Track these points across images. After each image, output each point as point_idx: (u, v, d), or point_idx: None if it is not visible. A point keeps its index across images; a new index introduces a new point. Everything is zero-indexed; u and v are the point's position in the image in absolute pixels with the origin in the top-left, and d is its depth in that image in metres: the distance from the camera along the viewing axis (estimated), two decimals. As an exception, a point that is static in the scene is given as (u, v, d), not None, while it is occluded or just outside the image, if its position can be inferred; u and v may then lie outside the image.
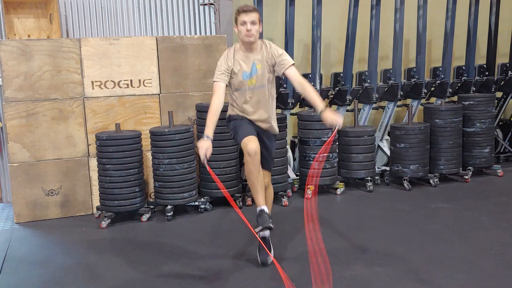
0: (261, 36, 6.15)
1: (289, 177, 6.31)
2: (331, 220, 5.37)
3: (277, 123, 4.41)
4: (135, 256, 4.58)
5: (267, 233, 4.17)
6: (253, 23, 3.88)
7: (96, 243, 4.99)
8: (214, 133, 3.93)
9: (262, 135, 4.20)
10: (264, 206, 4.03)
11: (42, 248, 4.92)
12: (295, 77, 4.01)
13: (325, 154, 5.06)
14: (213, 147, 3.89)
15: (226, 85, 4.10)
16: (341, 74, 6.83)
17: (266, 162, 4.20)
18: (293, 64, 4.03)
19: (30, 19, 6.37)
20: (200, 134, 5.71)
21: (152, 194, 5.84)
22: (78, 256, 4.68)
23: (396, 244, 4.64)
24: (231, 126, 4.22)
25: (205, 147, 3.79)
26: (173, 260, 4.46)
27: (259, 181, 3.96)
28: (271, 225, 4.00)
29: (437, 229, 5.00)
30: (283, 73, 4.04)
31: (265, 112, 4.15)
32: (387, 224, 5.20)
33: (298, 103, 6.67)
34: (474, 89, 7.35)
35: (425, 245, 4.57)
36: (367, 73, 6.82)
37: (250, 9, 3.91)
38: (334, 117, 3.85)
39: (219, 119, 4.05)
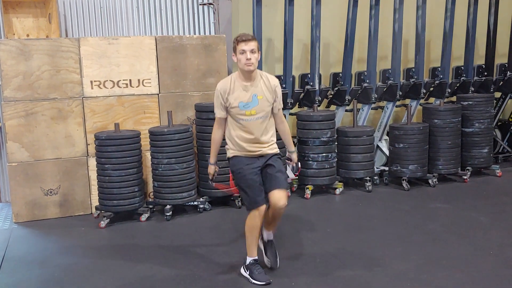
0: (260, 37, 6.22)
1: (288, 177, 6.29)
2: (330, 220, 5.38)
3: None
4: (134, 255, 4.58)
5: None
6: (252, 51, 3.80)
7: (95, 242, 4.99)
8: (211, 128, 4.16)
9: (267, 160, 3.98)
10: (256, 257, 4.04)
11: (41, 247, 4.92)
12: (280, 115, 4.12)
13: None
14: (210, 140, 4.17)
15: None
16: (340, 74, 6.84)
17: (277, 179, 3.92)
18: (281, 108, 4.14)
19: (29, 18, 6.36)
20: (199, 134, 5.77)
21: (151, 193, 5.83)
22: (77, 255, 4.67)
23: (395, 244, 4.64)
24: (236, 178, 4.05)
25: (212, 172, 4.21)
26: (172, 259, 4.46)
27: (257, 235, 4.02)
28: (270, 280, 3.93)
29: (435, 229, 5.00)
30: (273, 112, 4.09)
31: (266, 138, 3.98)
32: (386, 224, 5.20)
33: (297, 103, 6.66)
34: (473, 89, 7.36)
35: (424, 245, 4.58)
36: (366, 73, 6.81)
37: (249, 38, 3.83)
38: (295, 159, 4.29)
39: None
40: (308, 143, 6.14)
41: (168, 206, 5.52)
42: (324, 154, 6.13)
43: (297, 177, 6.34)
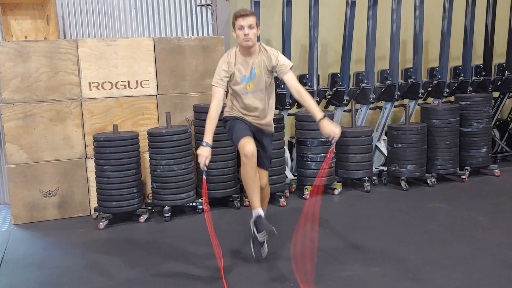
0: (258, 38, 6.21)
1: (287, 177, 6.31)
2: (328, 220, 5.37)
3: (275, 124, 4.44)
4: (133, 257, 4.58)
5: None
6: (250, 27, 3.87)
7: (94, 244, 4.99)
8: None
9: (259, 135, 4.21)
10: (260, 209, 4.00)
11: (40, 249, 4.92)
12: (292, 83, 4.00)
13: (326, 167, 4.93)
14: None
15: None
16: (338, 74, 6.85)
17: (263, 161, 4.22)
18: (291, 68, 4.05)
19: (27, 20, 6.36)
20: (198, 135, 5.76)
21: (150, 195, 5.83)
22: (76, 257, 4.67)
23: (393, 244, 4.64)
24: (228, 127, 4.23)
25: (205, 155, 3.86)
26: (171, 260, 4.46)
27: (255, 183, 3.96)
28: (275, 231, 3.90)
29: (434, 229, 5.00)
30: (283, 77, 4.07)
31: (263, 115, 4.17)
32: (384, 224, 5.20)
33: (296, 103, 6.67)
34: (471, 89, 7.37)
35: (422, 245, 4.58)
36: (364, 73, 6.82)
37: (247, 13, 3.89)
38: (333, 128, 3.83)
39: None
40: (307, 143, 6.15)
41: (167, 207, 5.52)
42: (322, 154, 6.12)
43: (295, 178, 6.36)
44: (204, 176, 3.97)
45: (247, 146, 3.89)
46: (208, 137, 3.92)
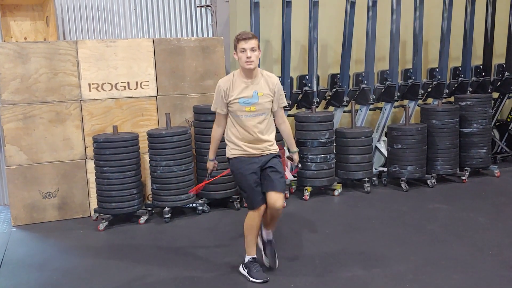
0: (257, 39, 6.21)
1: (287, 178, 6.29)
2: (328, 221, 5.39)
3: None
4: (132, 258, 4.58)
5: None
6: (252, 49, 3.86)
7: (93, 245, 4.99)
8: (210, 130, 4.26)
9: (266, 161, 4.00)
10: (255, 255, 4.09)
11: (39, 251, 4.91)
12: (280, 117, 4.18)
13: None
14: (208, 142, 4.31)
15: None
16: (338, 75, 6.85)
17: (276, 184, 3.95)
18: (285, 106, 4.21)
19: (26, 21, 6.35)
20: (198, 136, 5.77)
21: (150, 196, 5.83)
22: (76, 259, 4.67)
23: (394, 245, 4.64)
24: (237, 179, 4.15)
25: (211, 168, 4.31)
26: (171, 262, 4.46)
27: (256, 233, 4.08)
28: (267, 278, 3.99)
29: (434, 229, 5.00)
30: (274, 110, 4.13)
31: (265, 137, 3.99)
32: (384, 225, 5.20)
33: (295, 104, 6.67)
34: (470, 89, 7.37)
35: (423, 246, 4.58)
36: (364, 74, 6.82)
37: (249, 36, 3.88)
38: (297, 159, 4.30)
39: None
40: (307, 144, 6.14)
41: (166, 208, 5.52)
42: (322, 155, 6.13)
43: (295, 179, 6.36)
44: (207, 179, 4.49)
45: (260, 209, 3.98)
46: (212, 153, 4.25)
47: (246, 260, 4.09)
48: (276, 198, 3.92)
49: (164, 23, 6.91)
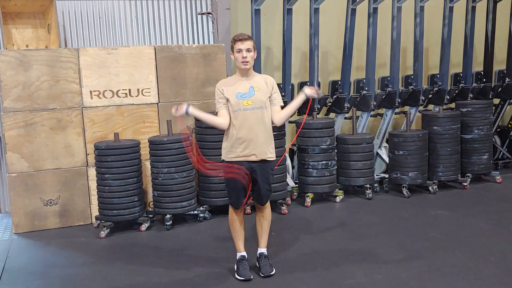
0: (259, 46, 6.23)
1: (288, 185, 6.30)
2: (330, 228, 5.37)
3: (276, 132, 4.43)
4: (134, 265, 4.56)
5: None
6: (248, 50, 4.03)
7: (95, 253, 4.97)
8: (211, 137, 4.55)
9: (258, 171, 4.10)
10: (244, 252, 4.29)
11: (41, 258, 4.90)
12: (277, 114, 4.19)
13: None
14: (209, 149, 4.72)
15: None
16: (339, 82, 6.86)
17: (263, 197, 4.21)
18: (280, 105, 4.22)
19: (28, 29, 6.37)
20: (199, 143, 5.75)
21: (151, 203, 5.82)
22: (77, 266, 4.65)
23: (396, 251, 4.63)
24: (226, 181, 4.23)
25: (178, 114, 4.06)
26: (173, 269, 4.44)
27: (241, 230, 4.29)
28: (251, 277, 4.15)
29: (436, 236, 4.98)
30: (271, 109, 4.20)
31: (261, 136, 4.05)
32: (386, 232, 5.18)
33: (296, 111, 6.65)
34: (471, 96, 7.38)
35: (425, 253, 4.56)
36: (365, 80, 6.83)
37: (245, 37, 4.05)
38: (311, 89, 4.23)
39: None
40: (308, 151, 6.14)
41: (168, 216, 5.51)
42: (324, 162, 6.12)
43: (297, 185, 6.36)
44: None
45: (237, 211, 4.24)
46: (195, 110, 4.10)
47: (237, 257, 4.29)
48: (264, 208, 4.26)
49: (165, 31, 6.93)
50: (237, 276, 4.18)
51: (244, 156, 4.06)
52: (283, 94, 6.32)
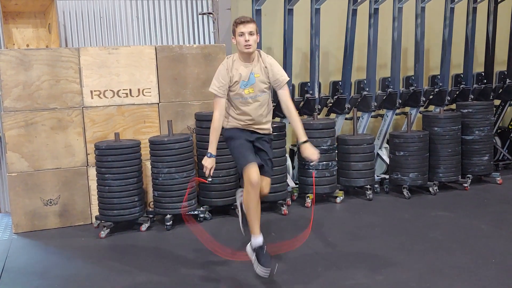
0: (259, 46, 6.21)
1: (288, 185, 6.29)
2: (330, 228, 5.36)
3: (276, 132, 4.46)
4: (134, 266, 4.55)
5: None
6: (251, 33, 3.94)
7: (95, 253, 4.96)
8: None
9: (260, 142, 4.22)
10: (261, 237, 3.97)
11: (40, 258, 4.89)
12: (285, 98, 4.14)
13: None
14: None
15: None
16: (340, 82, 6.85)
17: (266, 167, 4.19)
18: (287, 82, 4.16)
19: (28, 28, 6.35)
20: (200, 143, 5.75)
21: (151, 203, 5.81)
22: (77, 266, 4.65)
23: (396, 252, 4.61)
24: (229, 145, 4.23)
25: (209, 166, 4.07)
26: (173, 269, 4.43)
27: (258, 210, 4.01)
28: (272, 270, 3.91)
29: (437, 237, 4.98)
30: (277, 91, 4.19)
31: (262, 120, 4.20)
32: (387, 233, 5.18)
33: (297, 111, 6.64)
34: (472, 97, 7.37)
35: (425, 254, 4.55)
36: (365, 81, 6.82)
37: (247, 20, 3.96)
38: (313, 151, 4.09)
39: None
40: (308, 151, 6.11)
41: (168, 216, 5.50)
42: (324, 162, 6.11)
43: (297, 186, 6.36)
44: (209, 180, 4.28)
45: (253, 175, 3.91)
46: (212, 148, 4.09)
47: (253, 245, 3.97)
48: (264, 184, 4.13)
49: (166, 31, 6.91)
50: (259, 267, 3.86)
51: (246, 124, 4.15)
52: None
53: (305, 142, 4.10)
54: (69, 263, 4.72)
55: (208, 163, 4.07)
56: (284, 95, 4.17)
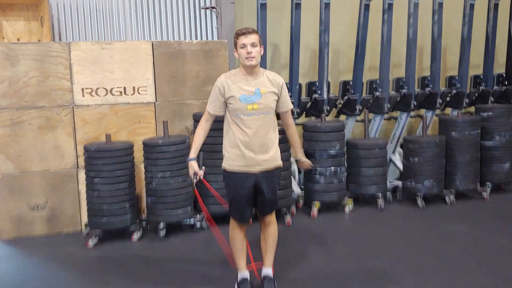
0: (265, 43, 5.91)
1: (293, 191, 5.93)
2: (338, 241, 5.03)
3: (281, 135, 4.02)
4: (123, 279, 4.25)
5: None
6: (253, 45, 3.59)
7: (81, 264, 4.64)
8: (210, 139, 4.06)
9: (263, 180, 3.74)
10: (246, 272, 3.92)
11: (22, 268, 4.59)
12: (286, 120, 3.98)
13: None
14: (210, 159, 4.37)
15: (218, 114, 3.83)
16: (351, 82, 6.59)
17: (266, 207, 3.86)
18: (291, 109, 3.99)
19: (20, 21, 6.09)
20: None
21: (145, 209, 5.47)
22: (59, 278, 4.33)
23: (409, 269, 4.27)
24: (226, 187, 3.86)
25: (192, 172, 3.78)
26: (166, 283, 4.14)
27: (243, 247, 3.91)
28: None
29: (453, 253, 4.62)
30: (280, 112, 3.91)
31: (266, 144, 3.71)
32: (398, 247, 4.82)
33: (304, 112, 6.36)
34: (492, 99, 7.13)
35: (440, 272, 4.21)
36: (378, 81, 6.57)
37: (249, 30, 3.63)
38: (309, 162, 4.16)
39: (216, 129, 3.95)
40: (315, 156, 5.76)
41: (161, 224, 5.15)
42: (332, 168, 5.77)
43: (303, 192, 6.02)
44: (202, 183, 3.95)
45: (238, 225, 3.88)
46: (192, 152, 3.81)
47: (238, 279, 3.90)
48: (268, 221, 3.89)
49: (166, 25, 6.61)
50: None
51: (248, 167, 3.69)
52: (289, 95, 5.96)
53: (301, 159, 4.13)
54: (52, 275, 4.41)
55: (190, 169, 3.77)
56: (289, 118, 3.95)
